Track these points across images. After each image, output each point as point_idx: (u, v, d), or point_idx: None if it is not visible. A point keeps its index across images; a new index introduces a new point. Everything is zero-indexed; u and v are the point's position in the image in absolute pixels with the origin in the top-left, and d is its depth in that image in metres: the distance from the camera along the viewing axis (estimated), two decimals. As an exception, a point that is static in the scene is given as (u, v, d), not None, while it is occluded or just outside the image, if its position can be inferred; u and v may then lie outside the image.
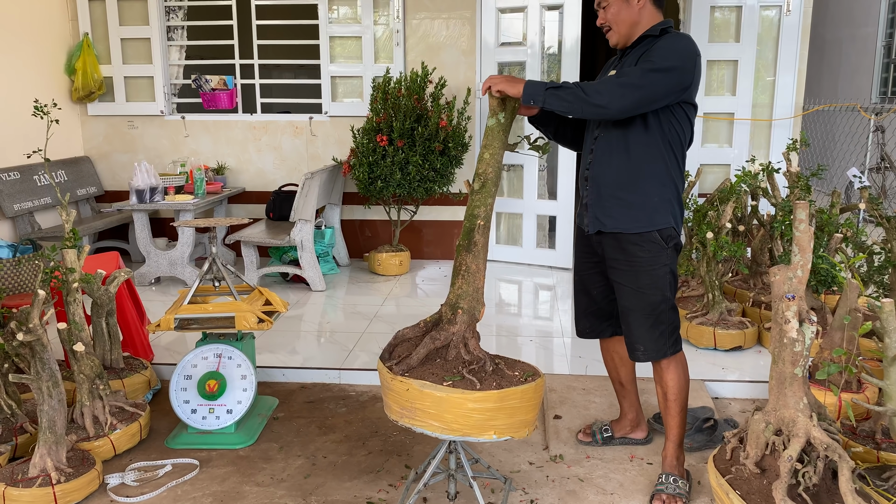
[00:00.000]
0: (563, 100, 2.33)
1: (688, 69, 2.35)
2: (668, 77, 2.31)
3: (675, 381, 2.58)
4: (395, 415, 2.29)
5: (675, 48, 2.36)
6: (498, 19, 5.65)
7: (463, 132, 5.37)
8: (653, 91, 2.31)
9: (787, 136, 5.49)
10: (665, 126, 2.42)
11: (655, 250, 2.48)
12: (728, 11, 5.48)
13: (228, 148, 6.10)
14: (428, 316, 2.44)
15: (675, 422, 2.61)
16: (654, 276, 2.50)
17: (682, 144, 2.48)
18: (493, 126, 2.44)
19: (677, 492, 2.54)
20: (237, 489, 2.69)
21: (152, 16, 5.88)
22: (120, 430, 2.92)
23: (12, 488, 2.49)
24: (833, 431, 2.31)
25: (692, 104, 2.46)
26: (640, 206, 2.46)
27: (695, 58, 2.37)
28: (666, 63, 2.31)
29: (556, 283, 5.38)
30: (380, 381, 2.37)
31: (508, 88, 2.37)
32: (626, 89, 2.30)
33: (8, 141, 5.18)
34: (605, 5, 2.48)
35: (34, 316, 2.53)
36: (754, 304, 4.23)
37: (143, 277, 5.22)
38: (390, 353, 2.38)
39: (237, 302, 3.00)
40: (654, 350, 2.55)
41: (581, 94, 2.31)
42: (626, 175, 2.47)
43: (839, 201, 4.02)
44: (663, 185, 2.47)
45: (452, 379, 2.22)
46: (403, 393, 2.22)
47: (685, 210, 4.43)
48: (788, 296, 2.21)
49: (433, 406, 2.19)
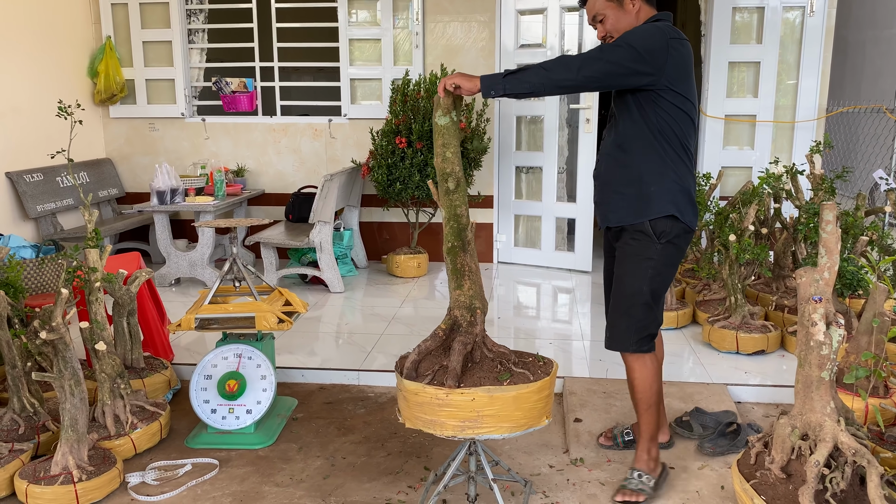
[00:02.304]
0: (524, 82, 2.33)
1: (651, 49, 2.33)
2: (626, 51, 2.32)
3: (640, 381, 2.61)
4: (453, 430, 2.20)
5: (638, 30, 2.40)
6: (517, 21, 5.63)
7: (482, 134, 5.36)
8: (612, 62, 2.31)
9: (810, 139, 5.42)
10: (652, 117, 2.43)
11: (644, 241, 2.49)
12: (750, 13, 5.43)
13: (248, 150, 6.13)
14: (442, 323, 2.39)
15: (642, 419, 2.64)
16: (635, 265, 2.52)
17: (675, 135, 2.45)
18: (449, 125, 2.41)
19: (639, 487, 2.57)
20: (257, 489, 2.69)
21: (174, 19, 5.93)
22: (140, 430, 2.93)
23: (35, 486, 2.51)
24: (861, 436, 2.26)
25: (679, 94, 2.42)
26: (636, 197, 2.49)
27: (662, 40, 2.35)
28: (625, 39, 2.35)
29: (575, 286, 5.34)
30: (416, 401, 2.23)
31: (464, 83, 2.35)
32: (585, 61, 2.33)
33: (31, 143, 5.24)
34: (601, 19, 2.50)
35: (57, 314, 2.54)
36: (777, 308, 4.17)
37: (163, 278, 5.25)
38: (417, 371, 2.31)
39: (258, 302, 3.00)
40: (616, 340, 2.60)
41: (542, 71, 2.33)
42: (624, 170, 2.51)
43: (864, 204, 3.96)
44: (661, 175, 2.46)
45: (506, 377, 2.25)
46: (468, 404, 2.18)
47: (706, 212, 4.38)
48: (815, 298, 2.18)
49: (504, 408, 2.20)
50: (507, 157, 5.86)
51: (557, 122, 5.63)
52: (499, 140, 5.82)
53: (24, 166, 5.19)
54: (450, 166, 2.41)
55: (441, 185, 2.43)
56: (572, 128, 5.74)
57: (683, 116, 2.45)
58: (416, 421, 2.27)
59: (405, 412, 2.32)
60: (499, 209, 5.96)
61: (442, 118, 2.41)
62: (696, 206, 2.55)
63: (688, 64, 2.45)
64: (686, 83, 2.45)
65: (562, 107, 5.63)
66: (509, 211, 5.95)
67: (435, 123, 2.43)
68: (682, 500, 2.59)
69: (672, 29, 2.42)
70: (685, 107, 2.45)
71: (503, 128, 5.80)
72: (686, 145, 2.49)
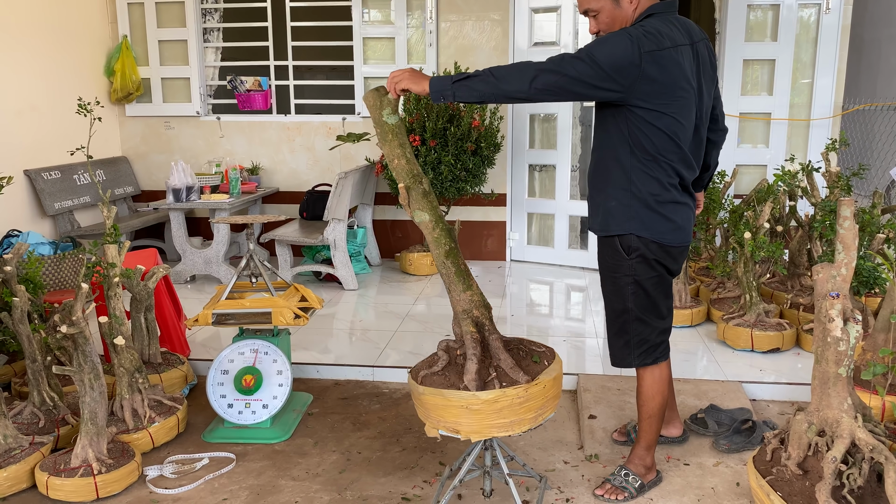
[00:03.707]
0: (472, 90, 2.17)
1: (618, 66, 2.12)
2: (587, 66, 2.11)
3: (647, 391, 2.56)
4: (531, 422, 2.21)
5: (609, 40, 2.16)
6: (531, 20, 5.64)
7: (495, 132, 5.37)
8: (570, 77, 2.11)
9: (825, 137, 5.39)
10: (622, 128, 2.27)
11: (617, 258, 2.42)
12: (764, 11, 5.40)
13: (263, 148, 6.17)
14: (470, 327, 2.27)
15: (644, 426, 2.60)
16: (616, 283, 2.46)
17: (650, 154, 2.27)
18: (399, 124, 2.26)
19: (622, 485, 2.56)
20: (273, 483, 2.71)
21: (189, 18, 5.97)
22: (158, 423, 2.96)
23: (55, 478, 2.54)
24: (878, 433, 2.26)
25: (654, 110, 2.22)
26: (603, 208, 2.41)
27: (634, 54, 2.12)
28: (589, 51, 2.13)
29: (588, 284, 5.34)
30: (495, 408, 2.12)
31: (413, 86, 2.21)
32: (541, 72, 2.13)
33: (49, 141, 5.29)
34: (594, 13, 2.34)
35: (77, 309, 2.57)
36: (792, 307, 4.16)
37: (178, 276, 5.29)
38: (480, 380, 2.18)
39: (274, 298, 3.03)
40: (618, 357, 2.56)
41: (492, 79, 2.16)
42: (596, 176, 2.44)
43: (881, 202, 3.94)
44: (623, 191, 2.33)
45: (537, 359, 2.28)
46: (541, 392, 2.19)
47: (720, 210, 4.37)
48: (832, 294, 2.18)
49: (551, 388, 2.25)
50: (520, 155, 5.86)
51: (571, 120, 5.63)
52: (512, 138, 5.83)
53: (42, 164, 5.25)
54: (415, 167, 2.27)
55: (414, 188, 2.24)
56: (586, 126, 5.74)
57: (659, 133, 2.24)
58: (492, 429, 2.17)
59: (476, 424, 2.15)
60: (512, 207, 5.96)
61: (391, 117, 2.25)
62: (674, 218, 2.35)
63: (672, 77, 2.19)
64: (666, 98, 2.20)
65: (575, 105, 5.63)
66: (522, 209, 5.95)
67: (383, 123, 2.24)
68: (698, 497, 2.59)
69: (653, 38, 2.16)
70: (660, 123, 2.23)
71: (516, 126, 5.81)
72: (658, 157, 2.28)
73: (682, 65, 2.23)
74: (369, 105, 2.27)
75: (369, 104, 2.27)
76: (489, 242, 6.06)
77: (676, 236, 2.39)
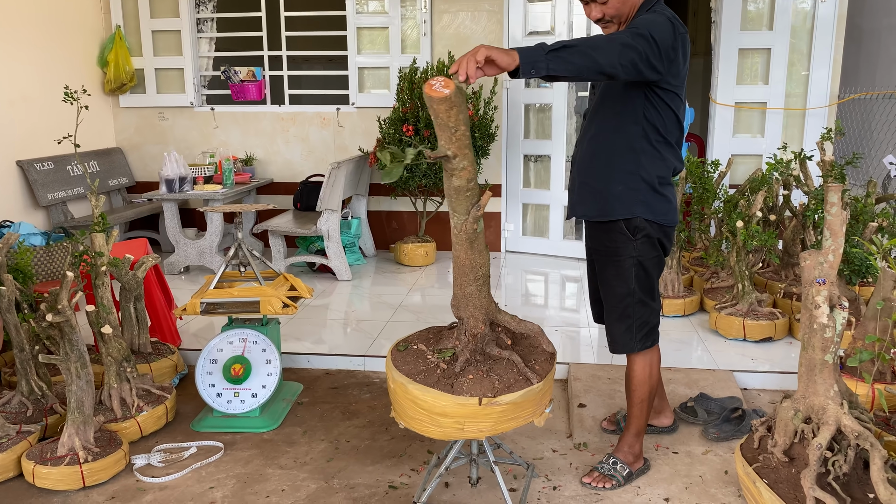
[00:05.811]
0: (569, 62, 1.98)
1: (667, 46, 2.16)
2: (649, 43, 2.11)
3: (639, 375, 2.56)
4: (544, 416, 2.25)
5: (655, 20, 2.19)
6: (525, 10, 5.60)
7: (490, 122, 5.34)
8: (640, 52, 2.09)
9: (821, 126, 5.37)
10: (640, 112, 2.32)
11: (621, 241, 2.42)
12: (761, 0, 5.37)
13: (257, 139, 6.15)
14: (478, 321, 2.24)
15: (633, 412, 2.60)
16: (619, 267, 2.45)
17: (658, 131, 2.34)
18: None
19: (610, 473, 2.56)
20: (260, 471, 2.71)
21: (182, 8, 5.94)
22: (146, 413, 2.96)
23: (41, 466, 2.54)
24: (864, 420, 2.25)
25: (670, 90, 2.31)
26: (605, 194, 2.41)
27: (675, 36, 2.20)
28: (647, 29, 2.13)
29: (582, 274, 5.32)
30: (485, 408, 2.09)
31: (502, 57, 1.90)
32: (624, 47, 2.07)
33: (42, 132, 5.28)
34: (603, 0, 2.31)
35: (63, 297, 2.56)
36: (786, 296, 4.14)
37: (172, 266, 5.29)
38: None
39: (262, 287, 3.02)
40: (620, 343, 2.55)
41: (589, 52, 2.01)
42: (596, 162, 2.43)
43: (875, 191, 3.92)
44: (630, 174, 2.36)
45: None
46: None
47: (715, 199, 4.35)
48: (819, 280, 2.16)
49: None
50: (515, 145, 5.84)
51: (566, 110, 5.60)
52: (507, 128, 5.80)
53: (35, 155, 5.23)
54: None
55: None
56: (580, 116, 5.72)
57: (670, 113, 2.35)
58: (517, 420, 2.18)
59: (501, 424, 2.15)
60: (507, 198, 5.94)
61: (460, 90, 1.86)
62: (672, 199, 2.42)
63: (686, 58, 2.33)
64: (679, 78, 2.32)
65: (570, 95, 5.60)
66: (517, 200, 5.93)
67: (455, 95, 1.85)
68: (686, 485, 2.58)
69: (678, 20, 2.28)
70: (674, 103, 2.34)
71: (511, 116, 5.78)
72: (667, 138, 2.37)
73: (689, 48, 2.36)
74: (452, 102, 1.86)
75: (451, 102, 1.86)
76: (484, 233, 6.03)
77: (673, 216, 2.47)
